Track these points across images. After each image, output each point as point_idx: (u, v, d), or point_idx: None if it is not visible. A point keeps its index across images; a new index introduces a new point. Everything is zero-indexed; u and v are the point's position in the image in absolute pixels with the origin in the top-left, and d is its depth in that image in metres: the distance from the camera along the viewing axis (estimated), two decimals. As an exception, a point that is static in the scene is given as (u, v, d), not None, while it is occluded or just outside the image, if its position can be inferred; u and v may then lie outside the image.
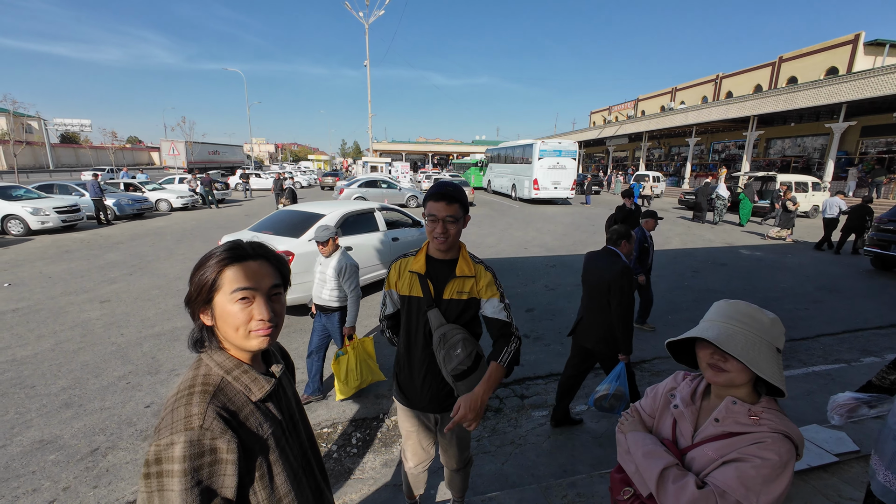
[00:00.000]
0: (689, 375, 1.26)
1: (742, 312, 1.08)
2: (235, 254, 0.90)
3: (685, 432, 1.15)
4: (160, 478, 0.76)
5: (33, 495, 2.50)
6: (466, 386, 1.68)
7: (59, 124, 47.82)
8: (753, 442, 1.00)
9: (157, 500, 0.76)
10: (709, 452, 1.05)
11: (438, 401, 1.81)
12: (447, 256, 1.73)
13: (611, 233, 3.10)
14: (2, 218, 10.85)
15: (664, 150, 36.57)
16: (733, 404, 1.06)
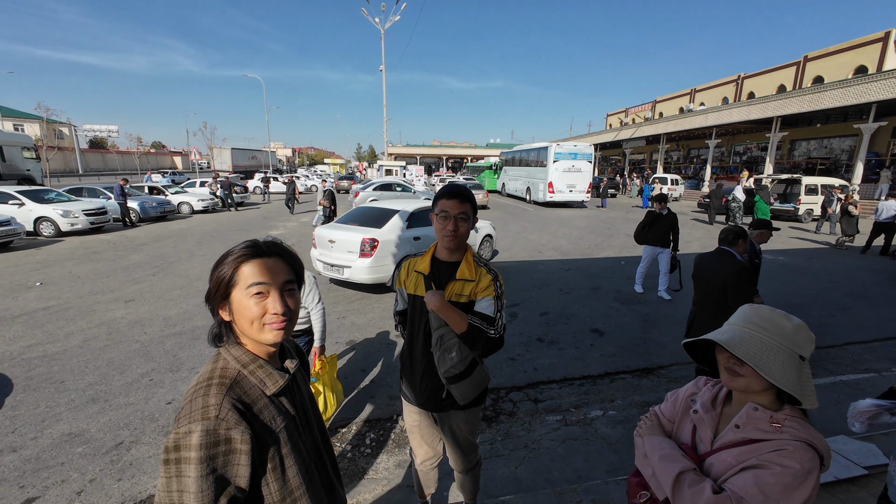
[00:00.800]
0: (711, 381, 1.23)
1: (762, 317, 1.04)
2: (251, 251, 0.94)
3: (704, 438, 1.13)
4: (178, 464, 0.80)
5: (62, 486, 2.60)
6: (459, 390, 1.68)
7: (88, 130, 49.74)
8: (774, 449, 0.96)
9: (175, 485, 0.79)
10: (727, 458, 1.03)
11: (435, 400, 1.81)
12: (453, 258, 1.75)
13: (725, 232, 3.07)
14: (35, 220, 11.35)
15: (683, 153, 35.86)
16: (754, 411, 1.03)
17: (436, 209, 1.68)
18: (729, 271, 2.81)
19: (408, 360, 1.88)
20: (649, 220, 6.37)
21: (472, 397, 1.72)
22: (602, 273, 8.03)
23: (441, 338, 1.67)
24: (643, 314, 5.80)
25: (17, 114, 52.56)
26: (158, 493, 0.82)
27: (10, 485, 2.60)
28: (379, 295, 6.50)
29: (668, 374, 4.17)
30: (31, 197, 11.69)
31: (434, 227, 1.70)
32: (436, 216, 1.68)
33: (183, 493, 0.79)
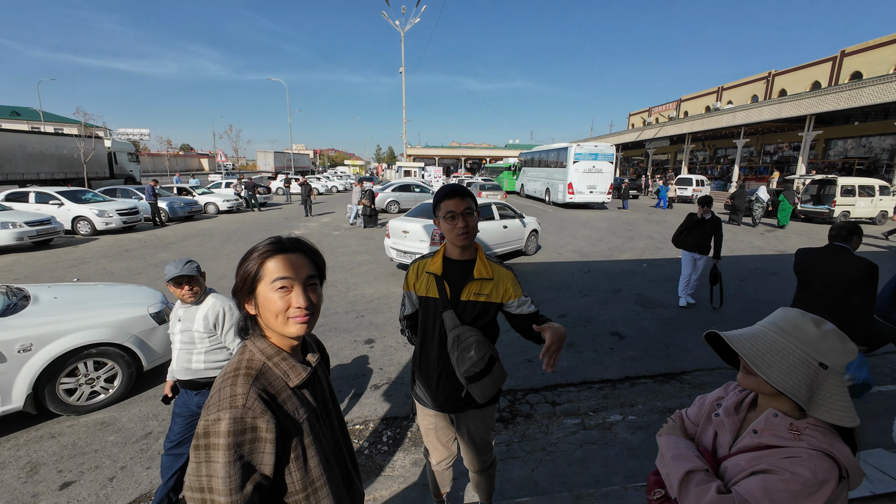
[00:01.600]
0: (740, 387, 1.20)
1: (786, 318, 1.00)
2: (275, 247, 0.98)
3: (724, 442, 1.11)
4: (207, 450, 0.83)
5: (95, 471, 2.73)
6: (479, 388, 1.67)
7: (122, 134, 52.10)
8: (787, 456, 0.92)
9: (205, 469, 0.83)
10: (741, 462, 1.00)
11: (454, 401, 1.80)
12: (465, 256, 1.73)
13: (837, 228, 3.03)
14: (73, 219, 11.96)
15: (709, 153, 34.77)
16: (774, 416, 1.00)
17: (440, 212, 1.68)
18: (856, 269, 2.75)
19: (422, 363, 1.86)
20: (689, 224, 5.85)
21: (492, 395, 1.71)
22: (623, 276, 7.87)
23: (457, 338, 1.65)
24: (665, 318, 5.66)
25: (58, 118, 55.45)
26: (188, 476, 0.85)
27: (49, 469, 2.75)
28: (396, 295, 6.55)
29: (692, 380, 4.05)
30: (70, 197, 12.33)
31: (443, 229, 1.70)
32: (442, 219, 1.68)
33: (212, 478, 0.82)
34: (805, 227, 14.69)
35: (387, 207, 18.10)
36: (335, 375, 4.06)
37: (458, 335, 1.66)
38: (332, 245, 10.76)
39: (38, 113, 46.08)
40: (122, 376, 3.58)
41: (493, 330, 1.80)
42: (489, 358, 1.66)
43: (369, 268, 8.41)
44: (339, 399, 3.62)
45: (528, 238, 9.41)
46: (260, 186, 20.68)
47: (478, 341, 1.65)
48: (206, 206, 17.56)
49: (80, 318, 3.42)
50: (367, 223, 13.67)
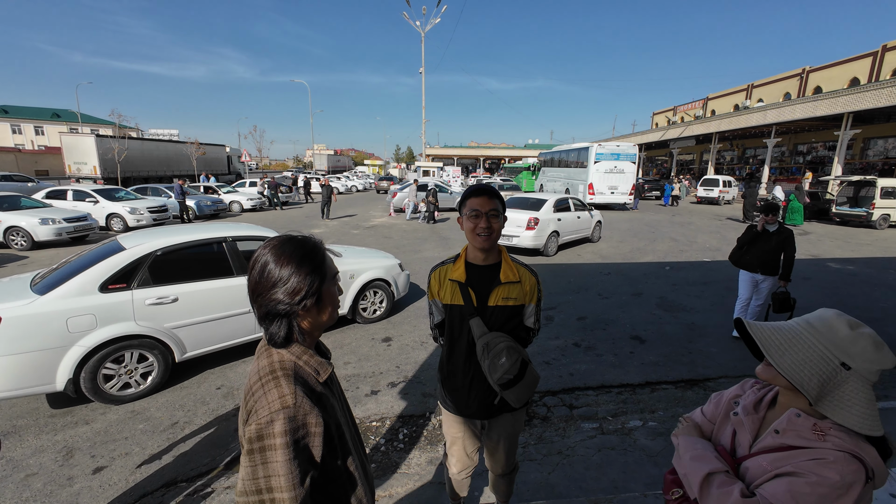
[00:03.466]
0: (758, 384, 1.18)
1: (821, 316, 0.97)
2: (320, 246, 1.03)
3: (743, 442, 1.08)
4: (263, 452, 0.84)
5: (125, 458, 2.86)
6: (514, 394, 1.64)
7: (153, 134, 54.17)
8: (813, 458, 0.89)
9: (262, 472, 0.84)
10: (763, 463, 0.97)
11: (486, 407, 1.76)
12: (488, 261, 1.69)
13: None
14: (107, 216, 12.53)
15: (737, 153, 33.58)
16: (797, 416, 0.97)
17: (464, 210, 1.63)
18: None
19: (450, 372, 1.81)
20: (749, 238, 4.72)
21: (526, 399, 1.69)
22: (644, 278, 7.69)
23: (487, 345, 1.62)
24: (689, 323, 5.50)
25: (94, 120, 58.08)
26: (243, 481, 0.86)
27: (84, 454, 2.89)
28: (412, 295, 6.59)
29: (716, 388, 3.92)
30: (105, 195, 12.91)
31: (465, 228, 1.65)
32: (465, 217, 1.63)
33: (271, 478, 0.83)
34: (839, 230, 14.01)
35: (403, 208, 18.20)
36: (353, 372, 4.11)
37: (487, 342, 1.62)
38: (352, 244, 10.90)
39: (77, 115, 48.38)
40: (387, 301, 5.46)
41: (522, 332, 1.76)
42: (521, 363, 1.62)
43: (387, 267, 8.48)
44: (356, 395, 3.68)
45: (595, 227, 11.20)
46: (282, 186, 21.15)
47: (508, 347, 1.60)
48: (231, 205, 18.09)
49: (369, 263, 5.38)
50: (429, 219, 14.83)
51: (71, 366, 3.25)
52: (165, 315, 3.67)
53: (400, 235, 12.41)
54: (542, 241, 9.29)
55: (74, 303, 3.30)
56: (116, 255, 3.58)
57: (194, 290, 3.85)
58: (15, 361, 3.08)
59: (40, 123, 56.76)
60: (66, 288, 3.33)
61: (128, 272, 3.55)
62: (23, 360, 3.10)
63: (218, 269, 4.07)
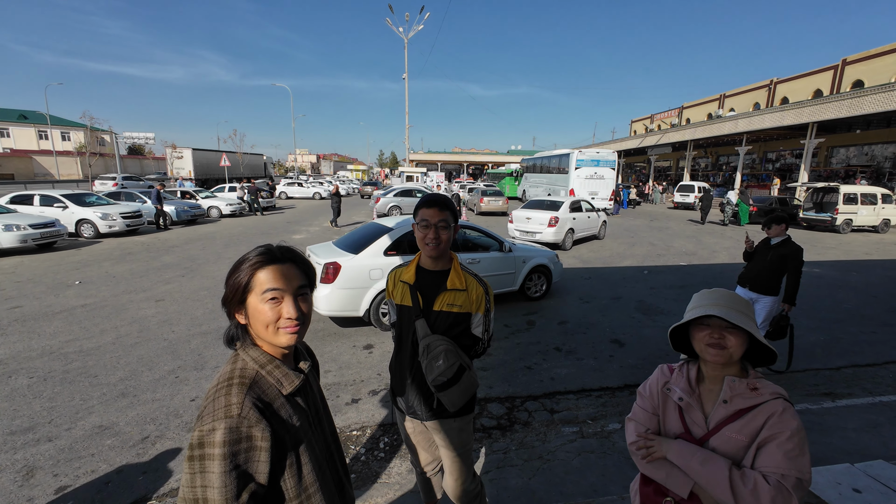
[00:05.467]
0: (674, 366, 1.32)
1: (727, 295, 1.22)
2: (266, 257, 0.97)
3: (697, 420, 1.20)
4: (202, 460, 0.82)
5: (91, 476, 2.73)
6: (448, 397, 1.67)
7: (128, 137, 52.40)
8: (769, 414, 1.09)
9: (200, 480, 0.82)
10: (732, 435, 1.12)
11: (424, 408, 1.79)
12: (438, 266, 1.74)
13: None
14: (77, 222, 12.02)
15: (711, 160, 34.78)
16: (734, 382, 1.15)
17: (417, 218, 1.68)
18: None
19: (397, 370, 1.86)
20: (750, 252, 4.30)
21: (461, 404, 1.71)
22: (624, 282, 7.85)
23: (427, 346, 1.66)
24: (667, 326, 5.63)
25: (65, 122, 55.93)
26: (183, 488, 0.84)
27: (45, 473, 2.75)
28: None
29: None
30: (74, 200, 12.40)
31: (416, 236, 1.70)
32: (416, 225, 1.68)
33: (206, 489, 0.81)
34: (806, 234, 14.64)
35: (389, 212, 18.14)
36: (333, 380, 4.05)
37: (428, 344, 1.66)
38: (334, 250, 10.77)
39: (46, 117, 46.52)
40: (546, 282, 6.66)
41: (466, 339, 1.78)
42: (458, 367, 1.65)
43: (370, 273, 8.40)
44: (336, 404, 3.62)
45: (601, 226, 12.80)
46: (262, 191, 20.78)
47: (447, 350, 1.64)
48: (209, 210, 17.65)
49: (535, 253, 6.61)
50: None
51: (369, 301, 5.09)
52: None
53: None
54: (561, 237, 10.89)
55: (372, 261, 5.12)
56: (389, 233, 5.36)
57: None
58: (346, 293, 5.01)
59: (5, 125, 54.24)
60: (368, 251, 5.17)
61: (396, 244, 5.31)
62: (348, 293, 5.02)
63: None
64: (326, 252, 5.33)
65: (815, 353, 4.83)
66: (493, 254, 6.03)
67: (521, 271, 6.38)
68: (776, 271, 4.03)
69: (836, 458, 2.90)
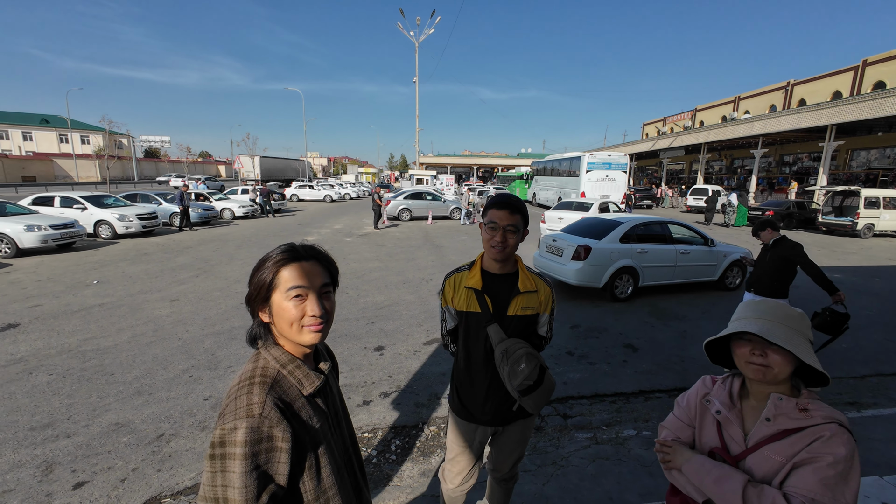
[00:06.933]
0: (718, 378, 1.25)
1: (773, 308, 1.11)
2: (290, 255, 0.97)
3: (735, 437, 1.12)
4: (223, 459, 0.82)
5: (108, 472, 2.76)
6: (532, 400, 1.63)
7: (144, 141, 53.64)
8: (815, 438, 0.99)
9: (220, 479, 0.81)
10: (771, 455, 1.04)
11: (503, 414, 1.77)
12: (504, 270, 1.69)
13: None
14: (95, 223, 12.31)
15: (725, 163, 34.23)
16: (780, 401, 1.06)
17: (485, 219, 1.63)
18: None
19: (466, 379, 1.80)
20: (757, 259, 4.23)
21: (544, 405, 1.69)
22: (637, 286, 7.72)
23: (506, 351, 1.61)
24: (681, 331, 5.52)
25: (84, 126, 57.47)
26: (203, 486, 0.84)
27: (64, 468, 2.79)
28: (407, 303, 6.55)
29: (709, 396, 3.93)
30: (93, 202, 12.70)
31: (483, 237, 1.65)
32: (484, 226, 1.62)
33: (227, 488, 0.81)
34: (826, 239, 14.28)
35: (399, 215, 18.20)
36: (344, 382, 4.05)
37: (506, 349, 1.61)
38: (344, 252, 10.84)
39: (66, 121, 47.84)
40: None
41: (536, 339, 1.78)
42: (540, 368, 1.62)
43: (380, 275, 8.44)
44: (347, 406, 3.61)
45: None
46: (274, 193, 21.04)
47: (528, 353, 1.60)
48: (223, 212, 17.92)
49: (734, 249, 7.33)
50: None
51: (608, 276, 6.59)
52: (641, 259, 6.81)
53: (393, 243, 12.38)
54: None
55: (612, 246, 6.64)
56: (621, 226, 6.85)
57: (652, 247, 6.90)
58: (593, 269, 6.54)
59: (29, 129, 55.97)
60: (609, 237, 6.71)
61: (627, 234, 6.80)
62: (595, 269, 6.55)
63: (662, 238, 7.11)
64: (570, 237, 7.08)
65: (838, 362, 4.69)
66: (700, 247, 7.18)
67: (721, 264, 7.30)
68: (777, 272, 3.96)
69: (863, 471, 2.79)
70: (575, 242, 6.80)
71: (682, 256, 7.04)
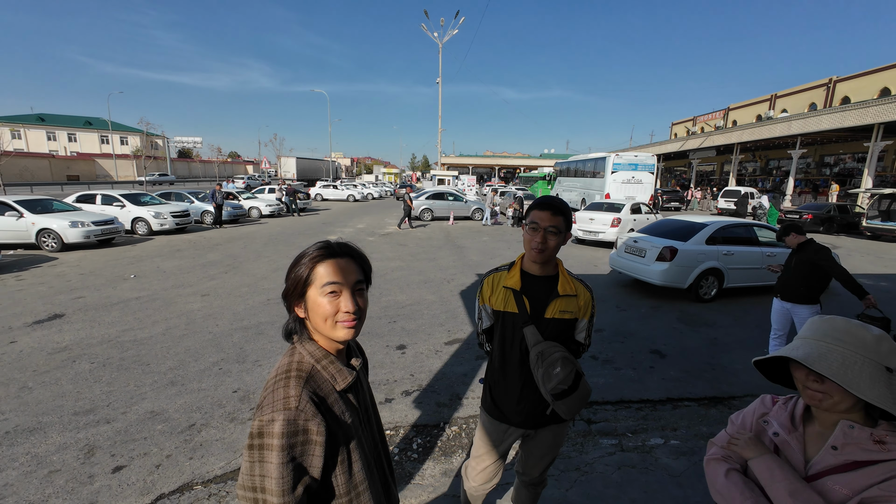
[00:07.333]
0: (780, 399, 1.14)
1: (838, 329, 0.98)
2: (325, 252, 0.99)
3: (796, 463, 1.02)
4: (261, 450, 0.84)
5: (144, 458, 2.89)
6: (566, 405, 1.60)
7: (178, 141, 55.97)
8: (892, 475, 0.88)
9: (258, 469, 0.84)
10: (836, 487, 0.93)
11: (534, 417, 1.75)
12: (544, 272, 1.68)
13: None
14: (132, 220, 12.93)
15: (760, 164, 32.81)
16: (850, 429, 0.95)
17: (527, 219, 1.63)
18: None
19: (500, 379, 1.79)
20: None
21: (578, 411, 1.65)
22: (664, 290, 7.50)
23: (541, 353, 1.59)
24: (711, 338, 5.33)
25: (124, 127, 60.43)
26: (242, 475, 0.87)
27: (104, 452, 2.94)
28: (429, 302, 6.58)
29: (742, 406, 3.77)
30: (131, 200, 13.35)
31: (524, 238, 1.64)
32: (526, 227, 1.62)
33: (265, 478, 0.83)
34: (870, 245, 13.46)
35: (420, 215, 18.31)
36: (368, 379, 4.10)
37: (542, 351, 1.59)
38: (367, 251, 10.70)
39: (108, 123, 50.43)
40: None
41: (573, 344, 1.75)
42: (575, 374, 1.59)
43: (402, 274, 8.51)
44: (370, 403, 3.66)
45: None
46: (299, 192, 21.53)
47: (564, 357, 1.57)
48: (250, 210, 18.47)
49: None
50: (516, 223, 16.49)
51: (692, 278, 6.68)
52: (727, 261, 6.84)
53: (415, 243, 12.45)
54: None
55: (698, 247, 6.72)
56: (706, 228, 6.91)
57: (738, 249, 6.92)
58: (678, 270, 6.64)
59: (73, 131, 59.40)
60: (695, 239, 6.78)
61: (713, 236, 6.82)
62: (680, 270, 6.65)
63: (748, 241, 7.12)
64: (654, 238, 7.16)
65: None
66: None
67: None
68: (804, 277, 3.86)
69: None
70: (660, 244, 6.79)
71: (769, 259, 7.01)
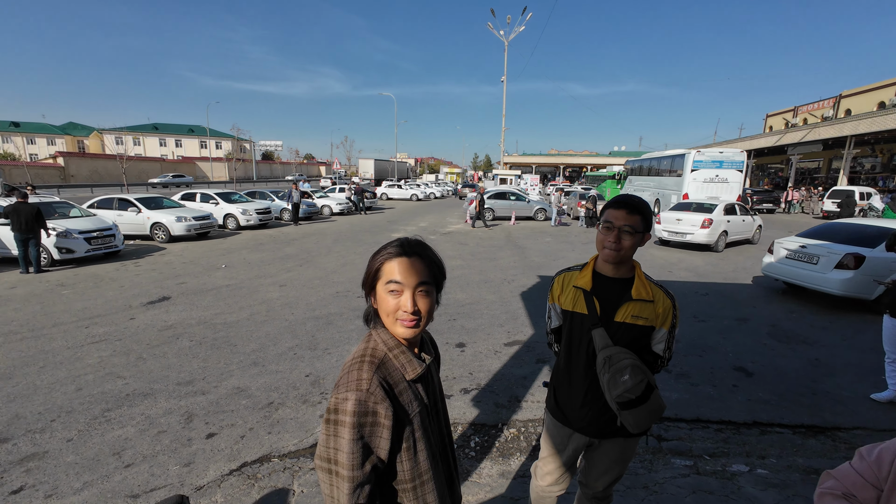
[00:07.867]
0: None
1: None
2: (396, 250, 1.02)
3: None
4: (336, 425, 0.92)
5: (231, 428, 3.24)
6: (633, 417, 1.49)
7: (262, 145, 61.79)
8: None
9: (333, 442, 0.92)
10: None
11: (599, 425, 1.66)
12: (618, 274, 1.59)
13: None
14: (224, 216, 14.52)
15: (882, 159, 28.08)
16: None
17: (602, 218, 1.57)
18: None
19: (565, 380, 1.73)
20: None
21: (647, 426, 1.53)
22: (752, 301, 6.73)
23: (609, 358, 1.51)
24: (812, 358, 4.67)
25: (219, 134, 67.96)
26: (319, 446, 0.95)
27: (200, 420, 3.35)
28: (489, 302, 6.56)
29: (850, 440, 3.27)
30: (224, 198, 15.00)
31: (596, 238, 1.59)
32: (601, 226, 1.56)
33: (338, 451, 0.91)
34: None
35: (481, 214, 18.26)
36: (427, 374, 4.20)
37: (609, 356, 1.52)
38: (428, 249, 11.23)
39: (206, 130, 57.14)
40: None
41: (647, 356, 1.63)
42: (647, 385, 1.48)
43: (462, 273, 8.58)
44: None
45: (756, 230, 12.49)
46: (367, 192, 22.63)
47: (633, 365, 1.48)
48: (322, 209, 19.81)
49: None
50: (589, 224, 16.38)
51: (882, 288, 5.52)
52: None
53: (475, 242, 12.48)
54: (714, 239, 10.80)
55: (881, 254, 5.85)
56: None
57: None
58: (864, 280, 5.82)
59: (179, 137, 68.21)
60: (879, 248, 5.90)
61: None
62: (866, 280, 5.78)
63: None
64: (831, 244, 6.44)
65: None
66: None
67: None
68: None
69: None
70: (840, 250, 6.11)
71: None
